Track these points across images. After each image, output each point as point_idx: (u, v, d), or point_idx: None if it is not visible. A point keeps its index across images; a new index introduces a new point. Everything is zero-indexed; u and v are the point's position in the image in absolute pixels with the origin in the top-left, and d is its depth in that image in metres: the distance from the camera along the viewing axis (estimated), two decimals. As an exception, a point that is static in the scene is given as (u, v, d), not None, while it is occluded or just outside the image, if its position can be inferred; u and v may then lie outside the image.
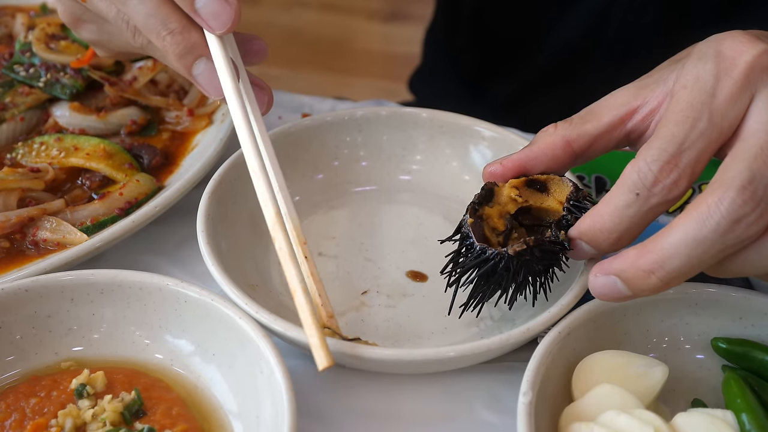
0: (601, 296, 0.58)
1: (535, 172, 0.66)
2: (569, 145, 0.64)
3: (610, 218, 0.58)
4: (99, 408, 0.60)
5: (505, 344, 0.62)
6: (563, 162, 0.65)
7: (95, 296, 0.66)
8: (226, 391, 0.63)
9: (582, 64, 1.14)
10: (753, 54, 0.56)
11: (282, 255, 0.63)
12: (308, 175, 0.84)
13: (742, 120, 0.56)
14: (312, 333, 0.59)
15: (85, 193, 0.81)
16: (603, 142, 0.64)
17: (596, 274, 0.57)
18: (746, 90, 0.55)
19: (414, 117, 0.86)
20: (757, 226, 0.52)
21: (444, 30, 1.33)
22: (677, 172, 0.55)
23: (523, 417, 0.56)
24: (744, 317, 0.65)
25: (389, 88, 2.26)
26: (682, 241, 0.53)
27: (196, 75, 0.67)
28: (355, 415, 0.65)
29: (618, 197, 0.57)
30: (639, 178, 0.56)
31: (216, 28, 0.65)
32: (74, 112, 0.87)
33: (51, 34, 0.95)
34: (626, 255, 0.55)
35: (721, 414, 0.57)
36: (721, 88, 0.56)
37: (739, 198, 0.51)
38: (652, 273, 0.54)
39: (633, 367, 0.62)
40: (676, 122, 0.56)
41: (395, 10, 2.94)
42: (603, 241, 0.59)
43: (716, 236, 0.52)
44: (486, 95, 1.26)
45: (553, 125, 0.66)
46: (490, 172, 0.67)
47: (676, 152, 0.55)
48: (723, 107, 0.55)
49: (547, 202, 0.67)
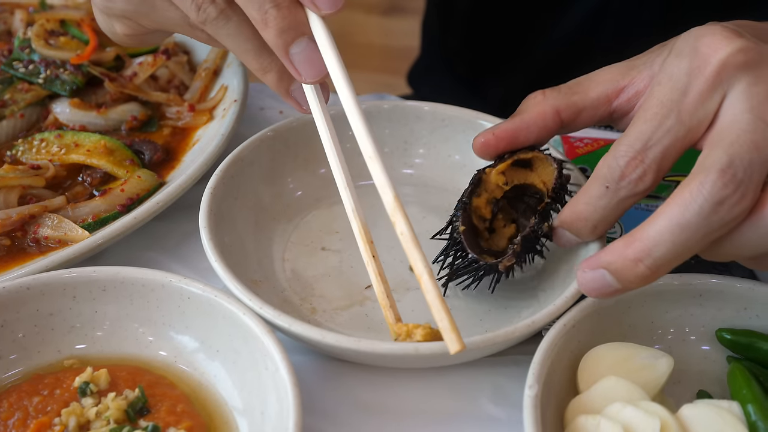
0: (590, 292, 0.58)
1: (526, 141, 0.67)
2: (558, 115, 0.66)
3: (585, 208, 0.60)
4: (102, 406, 0.60)
5: (510, 337, 0.62)
6: (552, 130, 0.67)
7: (98, 293, 0.65)
8: (231, 387, 0.63)
9: (578, 62, 1.13)
10: (727, 52, 0.56)
11: (404, 240, 0.61)
12: (311, 170, 0.84)
13: (715, 116, 0.56)
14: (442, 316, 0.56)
15: (86, 190, 0.80)
16: (587, 116, 0.65)
17: (584, 269, 0.58)
18: (717, 88, 0.56)
19: (416, 110, 0.85)
20: (739, 208, 0.53)
21: (437, 30, 1.32)
22: (642, 168, 0.57)
23: (529, 410, 0.56)
24: (749, 308, 0.65)
25: (389, 82, 2.25)
26: (667, 227, 0.53)
27: (294, 53, 0.62)
28: (360, 410, 0.65)
29: (591, 189, 0.60)
30: (608, 172, 0.58)
31: (324, 8, 0.62)
32: (74, 108, 0.87)
33: (50, 30, 0.94)
34: (613, 246, 0.56)
35: (726, 405, 0.57)
36: (693, 87, 0.56)
37: (719, 181, 0.52)
38: (639, 261, 0.55)
39: (638, 359, 0.61)
40: (645, 119, 0.57)
41: (394, 3, 2.93)
42: (582, 228, 0.61)
43: (700, 220, 0.53)
44: (483, 92, 1.26)
45: (540, 92, 0.67)
46: (483, 143, 0.68)
47: (642, 149, 0.57)
48: (692, 105, 0.56)
49: (531, 178, 0.70)
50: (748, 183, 0.52)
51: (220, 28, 0.63)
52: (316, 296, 0.74)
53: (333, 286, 0.75)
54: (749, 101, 0.55)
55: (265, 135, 0.80)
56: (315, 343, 0.63)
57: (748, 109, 0.54)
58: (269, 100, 0.98)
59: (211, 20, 0.62)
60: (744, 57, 0.56)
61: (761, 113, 0.54)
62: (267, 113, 0.96)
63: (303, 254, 0.78)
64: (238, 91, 0.87)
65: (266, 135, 0.80)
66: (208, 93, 0.92)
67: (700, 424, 0.56)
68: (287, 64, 0.63)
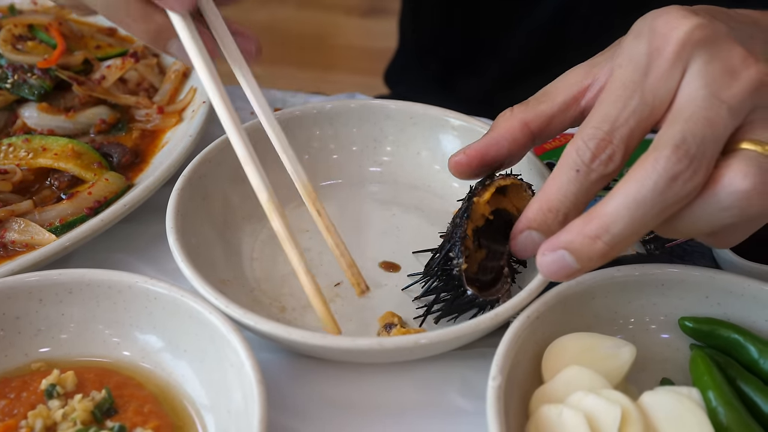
0: (550, 274, 0.58)
1: (497, 156, 0.67)
2: (527, 127, 0.66)
3: (555, 196, 0.59)
4: (69, 408, 0.60)
5: (475, 330, 0.63)
6: (523, 143, 0.66)
7: (64, 296, 0.65)
8: (198, 386, 0.63)
9: (550, 55, 1.14)
10: (684, 30, 0.57)
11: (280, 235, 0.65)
12: (279, 170, 0.84)
13: (675, 94, 0.57)
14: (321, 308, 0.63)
15: (54, 194, 0.80)
16: (559, 121, 0.65)
17: (544, 252, 0.58)
18: (677, 66, 0.57)
19: (384, 109, 0.86)
20: (693, 183, 0.54)
21: (412, 28, 1.33)
22: (611, 148, 0.57)
23: (492, 401, 0.56)
24: (710, 296, 0.66)
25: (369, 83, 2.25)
26: (624, 203, 0.54)
27: (174, 53, 0.68)
28: (327, 405, 0.65)
29: (561, 176, 0.59)
30: (578, 155, 0.58)
31: (175, 8, 0.65)
32: (42, 112, 0.87)
33: (18, 35, 0.94)
34: (571, 226, 0.57)
35: (686, 391, 0.58)
36: (653, 67, 0.57)
37: (673, 156, 0.53)
38: (598, 238, 0.55)
39: (601, 348, 0.62)
40: (610, 102, 0.58)
41: (373, 5, 2.93)
42: (552, 221, 0.60)
43: (655, 195, 0.53)
44: (458, 89, 1.26)
45: (509, 109, 0.67)
46: (456, 162, 0.69)
47: (610, 130, 0.57)
48: (654, 85, 0.57)
49: (503, 203, 0.70)
50: (701, 159, 0.53)
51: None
52: (286, 295, 0.74)
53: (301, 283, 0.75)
54: (705, 78, 0.56)
55: (233, 135, 0.80)
56: (282, 340, 0.64)
57: (704, 85, 0.55)
58: (239, 101, 0.97)
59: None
60: (701, 33, 0.57)
61: (716, 90, 0.55)
62: (238, 114, 0.95)
63: (272, 253, 0.78)
64: (207, 93, 0.87)
65: (234, 135, 0.80)
66: (178, 95, 0.92)
67: (661, 410, 0.57)
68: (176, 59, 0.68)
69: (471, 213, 0.68)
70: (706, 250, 0.75)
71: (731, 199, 0.54)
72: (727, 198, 0.54)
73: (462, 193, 0.74)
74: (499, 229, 0.70)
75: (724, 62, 0.56)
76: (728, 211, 0.54)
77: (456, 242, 0.67)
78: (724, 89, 0.55)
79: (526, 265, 0.72)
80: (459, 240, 0.67)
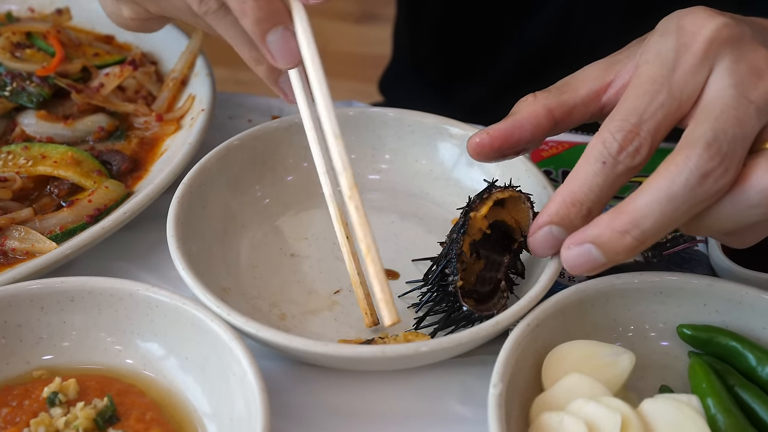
0: (574, 268, 0.58)
1: (520, 140, 0.66)
2: (551, 113, 0.66)
3: (580, 189, 0.59)
4: (71, 415, 0.60)
5: (475, 338, 0.63)
6: (545, 129, 0.66)
7: (65, 304, 0.66)
8: (200, 394, 0.64)
9: (549, 64, 1.15)
10: (712, 28, 0.58)
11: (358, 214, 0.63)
12: (278, 177, 0.84)
13: (702, 91, 0.58)
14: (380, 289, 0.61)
15: (54, 201, 0.80)
16: (579, 114, 0.66)
17: (569, 246, 0.58)
18: (705, 63, 0.58)
19: (382, 117, 0.86)
20: (723, 180, 0.54)
21: (408, 38, 1.34)
22: (639, 140, 0.58)
23: (493, 408, 0.57)
24: (708, 303, 0.66)
25: (363, 90, 2.26)
26: (655, 198, 0.55)
27: (270, 42, 0.64)
28: (329, 413, 0.66)
29: (586, 168, 0.59)
30: (605, 147, 0.58)
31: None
32: (41, 120, 0.87)
33: (16, 42, 0.94)
34: (599, 220, 0.57)
35: (686, 398, 0.58)
36: (681, 62, 0.58)
37: (705, 154, 0.54)
38: (627, 233, 0.56)
39: (601, 356, 0.63)
40: (637, 95, 0.58)
41: (367, 11, 2.94)
42: (575, 215, 0.60)
43: (686, 191, 0.54)
44: (455, 97, 1.27)
45: (531, 95, 0.67)
46: (478, 142, 0.67)
47: (638, 122, 0.58)
48: (682, 80, 0.58)
49: (501, 215, 0.70)
50: (732, 157, 0.54)
51: (219, 19, 0.66)
52: (286, 302, 0.74)
53: (302, 291, 0.75)
54: (733, 77, 0.57)
55: (232, 143, 0.80)
56: (283, 348, 0.64)
57: (733, 85, 0.56)
58: (238, 108, 0.98)
59: (212, 12, 0.65)
60: (728, 32, 0.58)
61: (744, 90, 0.56)
62: (235, 122, 0.96)
63: (272, 261, 0.78)
64: (206, 101, 0.87)
65: (233, 144, 0.80)
66: (176, 103, 0.92)
67: (661, 418, 0.57)
68: (263, 51, 0.65)
69: (468, 228, 0.68)
70: (704, 258, 0.76)
71: (760, 197, 0.54)
72: (756, 196, 0.54)
73: (460, 201, 0.75)
74: (499, 240, 0.71)
75: (750, 63, 0.57)
76: (756, 209, 0.55)
77: (452, 259, 0.68)
78: (752, 89, 0.56)
79: (524, 276, 0.72)
80: (455, 257, 0.68)
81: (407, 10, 1.32)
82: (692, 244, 0.77)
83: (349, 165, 0.63)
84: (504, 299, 0.69)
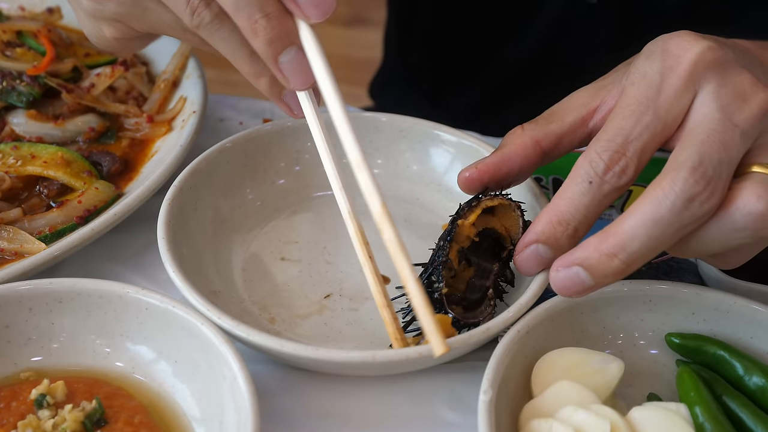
0: (563, 290, 0.59)
1: (509, 172, 0.68)
2: (538, 145, 0.66)
3: (567, 208, 0.60)
4: (59, 418, 0.59)
5: (466, 344, 0.63)
6: (534, 161, 0.67)
7: (54, 305, 0.65)
8: (189, 397, 0.63)
9: (539, 75, 1.16)
10: (697, 51, 0.59)
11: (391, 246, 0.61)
12: (270, 181, 0.84)
13: (687, 113, 0.58)
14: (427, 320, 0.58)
15: (43, 202, 0.80)
16: (567, 142, 0.67)
17: (557, 268, 0.59)
18: (690, 85, 0.58)
19: (374, 121, 0.86)
20: (709, 204, 0.55)
21: (398, 46, 1.34)
22: (625, 161, 0.58)
23: (483, 415, 0.57)
24: (696, 312, 0.67)
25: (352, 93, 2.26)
26: (641, 222, 0.55)
27: (283, 62, 0.62)
28: (319, 417, 0.66)
29: (573, 187, 0.60)
30: (591, 167, 0.59)
31: (314, 17, 0.61)
32: (31, 120, 0.86)
33: (6, 41, 0.94)
34: (587, 243, 0.58)
35: (674, 407, 0.59)
36: (667, 85, 0.59)
37: (691, 178, 0.54)
38: (614, 256, 0.56)
39: (590, 363, 0.63)
40: (624, 116, 0.59)
41: (356, 15, 2.94)
42: (561, 234, 0.60)
43: (672, 215, 0.55)
44: (445, 104, 1.27)
45: (519, 127, 0.68)
46: (467, 178, 0.69)
47: (624, 143, 0.58)
48: (668, 102, 0.58)
49: (492, 222, 0.70)
50: (717, 181, 0.55)
51: (214, 32, 0.62)
52: (276, 306, 0.74)
53: (292, 295, 0.75)
54: (719, 101, 0.57)
55: (224, 146, 0.80)
56: (273, 353, 0.64)
57: (718, 108, 0.57)
58: (229, 111, 0.98)
59: (206, 24, 0.62)
60: (713, 55, 0.59)
61: (729, 114, 0.57)
62: (227, 124, 0.96)
63: (262, 265, 0.78)
64: (197, 102, 0.87)
65: (225, 146, 0.80)
66: (167, 104, 0.92)
67: (649, 426, 0.58)
68: (276, 73, 0.63)
69: (455, 236, 0.69)
70: (692, 267, 0.76)
71: (746, 220, 0.55)
72: (741, 219, 0.55)
73: (451, 207, 0.75)
74: (489, 247, 0.71)
75: (735, 86, 0.58)
76: (742, 233, 0.55)
77: (438, 267, 0.68)
78: (737, 113, 0.57)
79: (514, 284, 0.72)
80: (441, 264, 0.68)
81: (398, 18, 1.32)
82: (681, 253, 0.77)
83: (377, 193, 0.61)
84: (491, 307, 0.69)
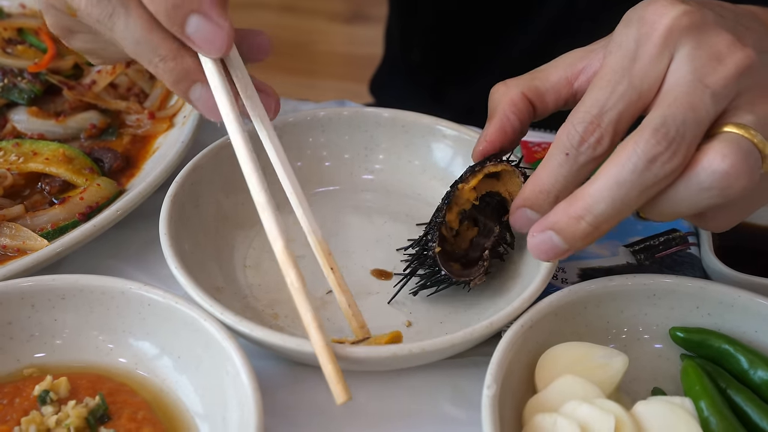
0: (539, 255, 0.60)
1: (513, 131, 0.69)
2: (525, 97, 0.68)
3: (547, 179, 0.61)
4: (63, 414, 0.59)
5: (468, 339, 0.63)
6: (527, 115, 0.68)
7: (57, 302, 0.65)
8: (192, 393, 0.63)
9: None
10: (672, 16, 0.58)
11: (294, 291, 0.62)
12: (270, 177, 0.84)
13: (663, 79, 0.58)
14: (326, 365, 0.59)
15: (45, 199, 0.80)
16: (552, 99, 0.68)
17: (533, 234, 0.60)
18: (665, 52, 0.58)
19: (376, 117, 0.86)
20: (671, 164, 0.55)
21: (399, 42, 1.33)
22: (599, 132, 0.59)
23: (487, 410, 0.57)
24: (700, 306, 0.66)
25: (352, 90, 2.26)
26: (606, 184, 0.56)
27: (194, 100, 0.66)
28: (321, 413, 0.65)
29: (552, 159, 0.61)
30: (567, 140, 0.60)
31: (210, 53, 0.64)
32: (32, 116, 0.86)
33: (8, 38, 0.94)
34: (557, 207, 0.59)
35: (679, 401, 0.59)
36: (641, 53, 0.59)
37: (652, 139, 0.55)
38: (581, 218, 0.57)
39: (594, 357, 0.63)
40: (600, 87, 0.59)
41: (357, 11, 2.93)
42: (543, 201, 0.62)
43: (635, 177, 0.55)
44: (446, 101, 1.27)
45: (502, 83, 0.70)
46: (481, 151, 0.71)
47: (599, 113, 0.59)
48: (642, 70, 0.58)
49: (497, 187, 0.72)
50: (681, 141, 0.55)
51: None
52: (278, 302, 0.74)
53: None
54: (692, 63, 0.57)
55: (225, 142, 0.80)
56: (277, 348, 0.64)
57: (690, 71, 0.57)
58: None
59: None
60: (688, 20, 0.58)
61: (701, 76, 0.56)
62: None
63: (265, 260, 0.78)
64: (199, 99, 0.87)
65: (226, 142, 0.80)
66: (168, 100, 0.92)
67: (654, 420, 0.58)
68: (193, 106, 0.67)
69: (455, 198, 0.71)
70: (696, 261, 0.76)
71: (711, 179, 0.55)
72: (706, 179, 0.55)
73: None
74: (495, 209, 0.73)
75: (710, 48, 0.57)
76: (708, 192, 0.55)
77: (433, 227, 0.71)
78: (710, 74, 0.56)
79: (513, 247, 0.74)
80: (436, 225, 0.71)
81: (399, 14, 1.32)
82: (685, 247, 0.77)
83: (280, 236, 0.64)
84: (483, 268, 0.71)
